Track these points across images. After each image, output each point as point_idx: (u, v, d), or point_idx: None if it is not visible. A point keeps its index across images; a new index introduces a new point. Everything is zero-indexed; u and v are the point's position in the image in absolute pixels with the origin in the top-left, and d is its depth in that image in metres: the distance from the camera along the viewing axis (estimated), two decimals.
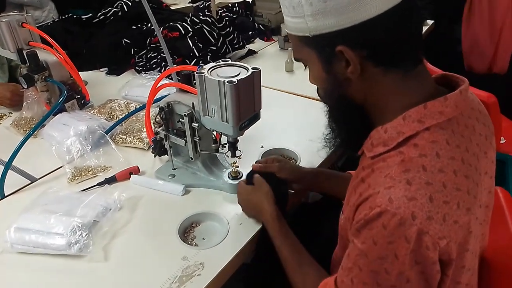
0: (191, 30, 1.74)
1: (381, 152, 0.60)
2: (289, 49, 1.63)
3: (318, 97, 0.70)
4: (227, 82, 0.78)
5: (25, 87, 1.25)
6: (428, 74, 0.62)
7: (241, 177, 0.98)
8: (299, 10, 0.58)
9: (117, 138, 1.19)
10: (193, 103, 0.91)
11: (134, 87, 1.49)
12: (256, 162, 0.96)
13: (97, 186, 1.02)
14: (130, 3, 2.03)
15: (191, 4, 2.49)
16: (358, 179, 0.62)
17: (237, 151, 0.93)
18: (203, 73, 0.82)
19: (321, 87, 0.67)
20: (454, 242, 0.54)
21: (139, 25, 1.92)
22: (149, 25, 1.85)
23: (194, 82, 0.88)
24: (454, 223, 0.53)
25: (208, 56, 1.72)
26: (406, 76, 0.60)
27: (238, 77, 0.80)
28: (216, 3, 2.00)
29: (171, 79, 1.40)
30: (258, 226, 0.88)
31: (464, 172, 0.56)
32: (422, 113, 0.58)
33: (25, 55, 1.25)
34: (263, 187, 0.88)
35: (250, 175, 0.92)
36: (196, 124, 0.92)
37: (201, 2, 2.37)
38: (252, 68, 0.83)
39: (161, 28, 1.73)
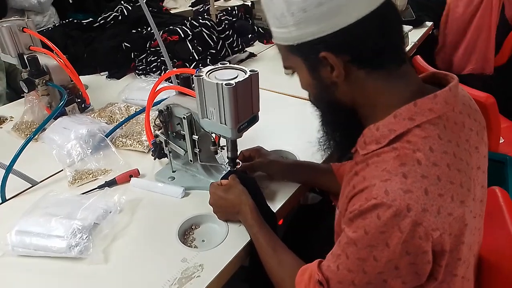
0: (190, 33, 1.75)
1: (373, 150, 0.61)
2: None
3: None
4: (225, 84, 0.78)
5: (26, 91, 1.26)
6: (413, 73, 0.64)
7: None
8: (283, 21, 0.61)
9: (117, 141, 1.20)
10: (192, 106, 0.92)
11: (134, 90, 1.50)
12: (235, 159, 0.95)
13: (97, 189, 1.03)
14: (130, 7, 2.04)
15: (190, 8, 2.50)
16: (351, 173, 0.64)
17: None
18: (202, 76, 0.82)
19: (311, 93, 0.70)
20: (448, 234, 0.55)
21: (139, 29, 1.93)
22: (149, 29, 1.86)
23: (193, 85, 0.89)
24: (448, 215, 0.54)
25: (208, 59, 1.73)
26: (390, 76, 0.61)
27: (236, 80, 0.80)
28: (215, 6, 2.01)
29: (171, 82, 1.41)
30: None
31: (456, 166, 0.57)
32: (412, 110, 0.59)
33: (25, 60, 1.26)
34: (238, 186, 0.89)
35: (227, 176, 0.93)
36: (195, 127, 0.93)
37: (201, 5, 2.39)
38: (250, 71, 0.84)
39: (161, 32, 1.74)
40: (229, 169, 0.93)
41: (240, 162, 0.94)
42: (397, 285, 0.58)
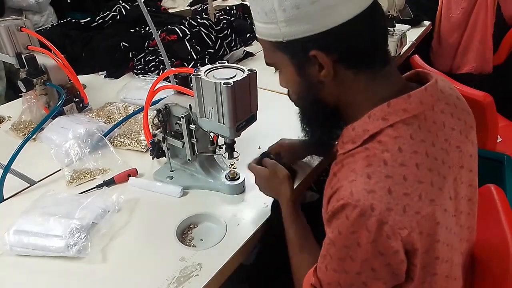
0: (189, 33, 1.75)
1: (350, 149, 0.62)
2: None
3: None
4: (223, 83, 0.78)
5: (24, 91, 1.26)
6: (397, 74, 0.65)
7: (238, 178, 0.99)
8: (272, 16, 0.60)
9: (116, 141, 1.20)
10: (190, 105, 0.92)
11: (132, 90, 1.50)
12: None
13: (95, 189, 1.03)
14: (128, 7, 2.04)
15: (189, 7, 2.50)
16: (331, 174, 0.65)
17: (234, 153, 0.93)
18: (200, 75, 0.83)
19: (294, 91, 0.70)
20: (418, 233, 0.55)
21: (138, 29, 1.93)
22: (147, 28, 1.86)
23: (191, 84, 0.89)
24: (415, 214, 0.55)
25: (206, 59, 1.73)
26: (375, 76, 0.62)
27: (234, 79, 0.80)
28: (213, 6, 2.01)
29: (169, 81, 1.41)
30: (255, 227, 0.89)
31: (427, 165, 0.57)
32: (385, 111, 0.60)
33: (23, 59, 1.25)
34: (282, 171, 0.88)
35: (262, 157, 0.94)
36: (193, 126, 0.93)
37: (199, 5, 2.39)
38: (248, 70, 0.84)
39: (159, 31, 1.74)
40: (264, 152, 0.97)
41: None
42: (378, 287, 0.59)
